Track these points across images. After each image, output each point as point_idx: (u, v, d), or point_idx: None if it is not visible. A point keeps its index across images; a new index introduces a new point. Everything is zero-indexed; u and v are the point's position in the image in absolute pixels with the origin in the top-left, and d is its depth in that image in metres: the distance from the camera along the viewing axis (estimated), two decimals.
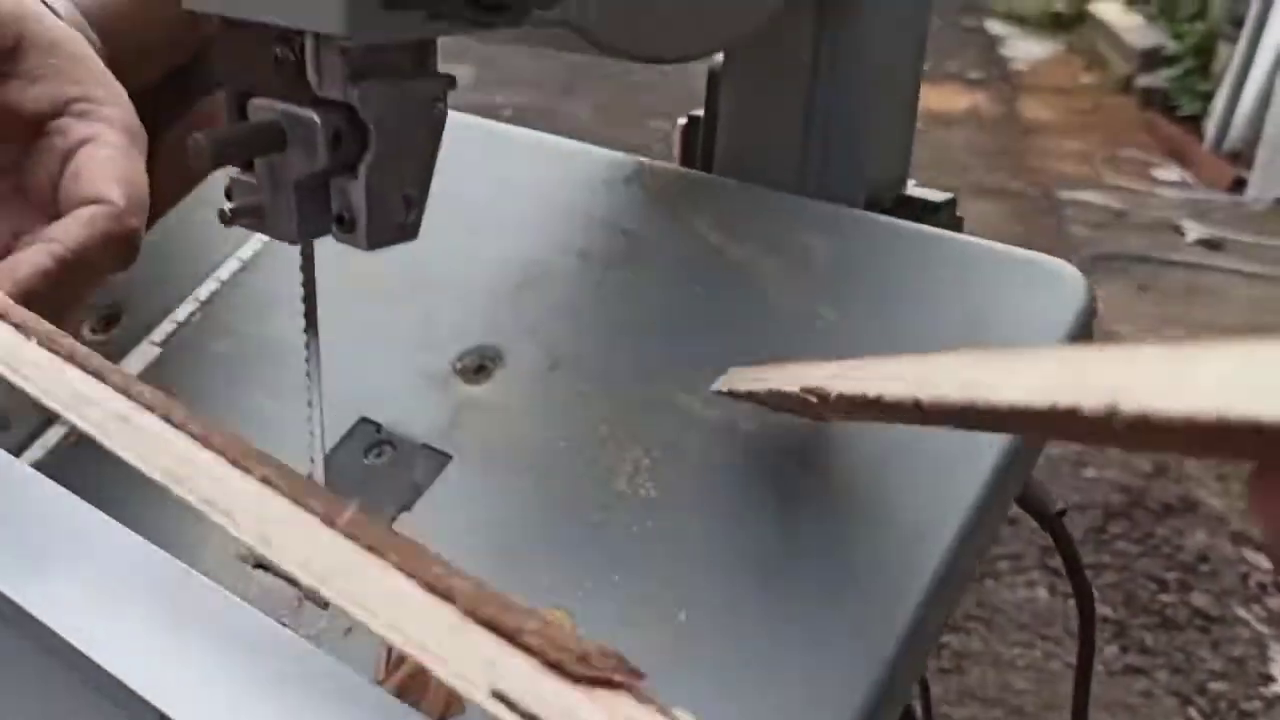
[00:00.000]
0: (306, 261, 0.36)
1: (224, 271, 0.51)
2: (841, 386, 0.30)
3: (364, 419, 0.43)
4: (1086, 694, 0.55)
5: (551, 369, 0.42)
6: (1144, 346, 0.20)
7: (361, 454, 0.42)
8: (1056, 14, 4.86)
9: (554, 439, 0.40)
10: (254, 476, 0.27)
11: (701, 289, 0.43)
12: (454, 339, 0.45)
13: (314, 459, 0.39)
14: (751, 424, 0.38)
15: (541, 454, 0.40)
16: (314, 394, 0.37)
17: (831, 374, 0.32)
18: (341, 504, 0.26)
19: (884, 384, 0.28)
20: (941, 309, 0.39)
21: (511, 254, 0.47)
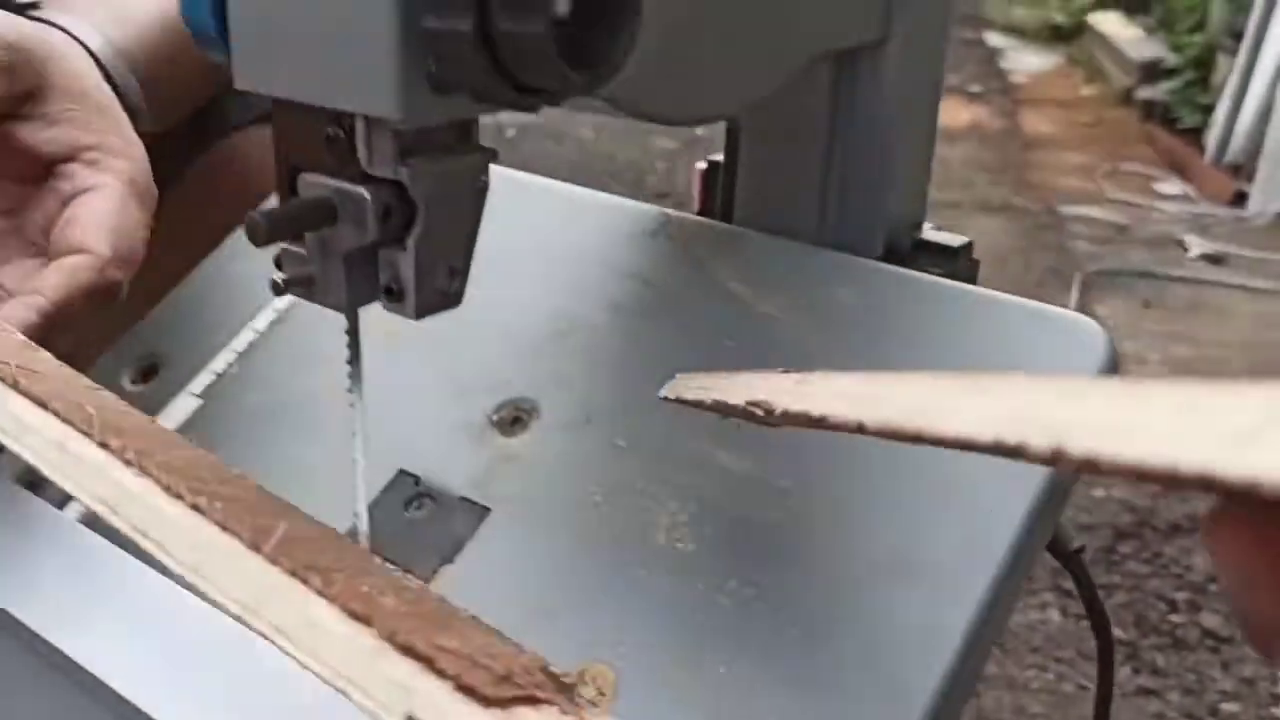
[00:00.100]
0: (352, 327, 0.37)
1: (260, 322, 0.52)
2: (787, 402, 0.30)
3: (402, 471, 0.44)
4: None
5: (586, 422, 0.43)
6: (1095, 381, 0.20)
7: (402, 507, 0.43)
8: (1055, 26, 4.88)
9: (590, 492, 0.41)
10: (184, 503, 0.27)
11: (731, 342, 0.44)
12: (489, 391, 0.46)
13: (358, 512, 0.40)
14: (786, 479, 0.39)
15: (578, 507, 0.41)
16: (358, 452, 0.39)
17: (779, 387, 0.31)
18: (270, 527, 0.27)
19: (830, 403, 0.28)
20: (968, 365, 0.40)
21: (542, 305, 0.48)
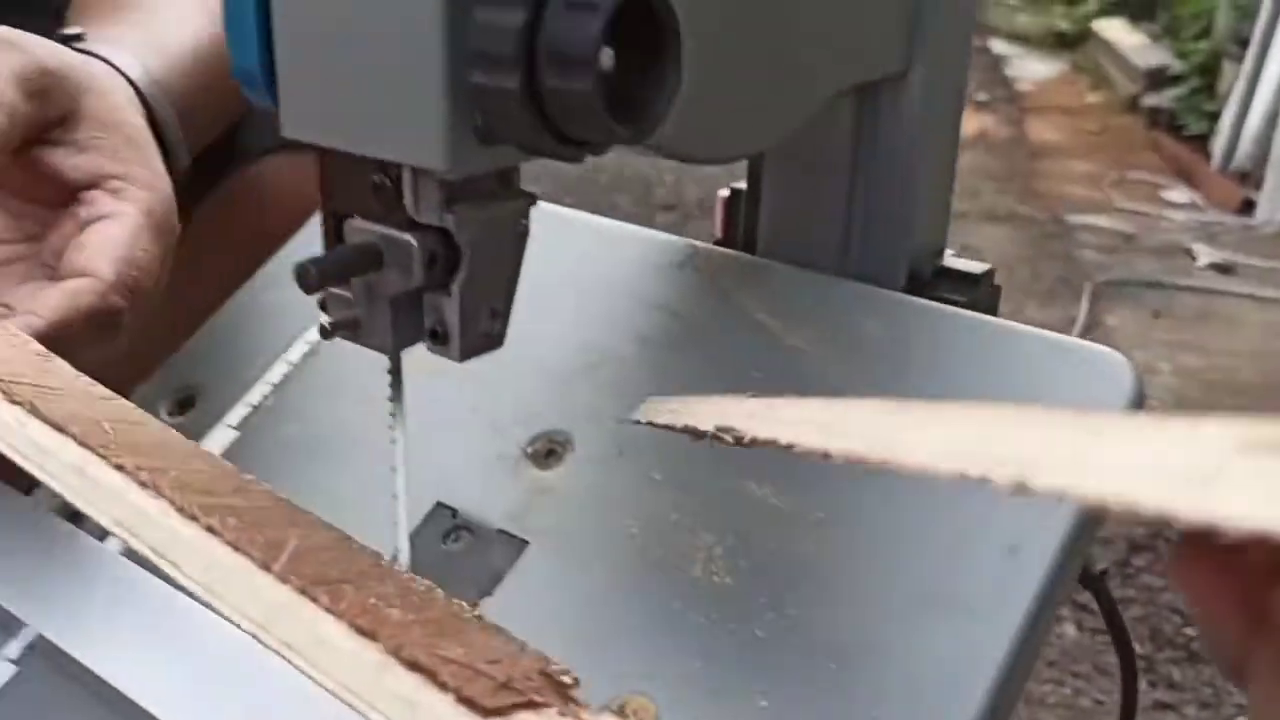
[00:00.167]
0: (395, 368, 0.38)
1: (294, 354, 0.53)
2: (755, 429, 0.31)
3: (440, 504, 0.45)
4: None
5: (619, 454, 0.44)
6: (1059, 413, 0.21)
7: (440, 539, 0.44)
8: (1060, 33, 4.89)
9: (626, 525, 0.42)
10: (199, 524, 0.29)
11: (760, 374, 0.45)
12: (523, 423, 0.47)
13: (399, 546, 0.41)
14: (821, 511, 0.40)
15: (615, 540, 0.42)
16: (400, 489, 0.39)
17: (747, 412, 0.32)
18: (282, 541, 0.28)
19: (797, 430, 0.29)
20: (993, 399, 0.41)
21: (572, 338, 0.49)
